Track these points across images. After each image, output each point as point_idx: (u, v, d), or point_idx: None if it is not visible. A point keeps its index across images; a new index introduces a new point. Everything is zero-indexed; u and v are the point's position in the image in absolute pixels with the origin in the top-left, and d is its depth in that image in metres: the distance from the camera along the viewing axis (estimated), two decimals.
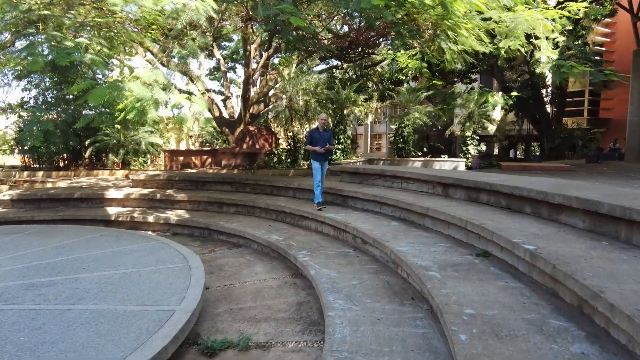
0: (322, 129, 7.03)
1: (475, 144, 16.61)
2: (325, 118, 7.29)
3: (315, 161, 6.97)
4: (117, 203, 9.26)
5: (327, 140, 6.96)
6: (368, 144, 43.29)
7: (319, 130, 7.02)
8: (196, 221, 7.74)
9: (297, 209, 7.09)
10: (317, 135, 6.96)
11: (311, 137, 7.02)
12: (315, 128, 7.13)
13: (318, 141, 6.91)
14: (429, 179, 6.60)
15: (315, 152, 6.91)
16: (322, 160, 7.01)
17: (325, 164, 7.17)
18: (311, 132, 7.14)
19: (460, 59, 12.74)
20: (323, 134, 6.98)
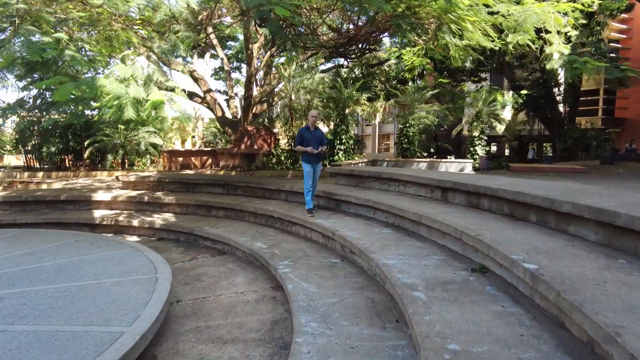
0: (313, 128, 6.43)
1: (483, 145, 15.96)
2: (316, 115, 6.68)
3: (307, 164, 6.38)
4: (105, 206, 8.92)
5: (319, 140, 6.39)
6: (376, 144, 42.72)
7: (309, 129, 6.41)
8: (181, 226, 7.34)
9: (286, 214, 6.63)
10: (308, 135, 6.34)
11: (301, 136, 6.37)
12: (306, 127, 6.50)
13: (310, 141, 6.31)
14: (427, 182, 6.09)
15: (306, 153, 6.33)
16: (314, 162, 6.42)
17: (318, 166, 6.57)
18: (301, 132, 6.48)
19: (465, 55, 12.15)
20: (315, 133, 6.39)
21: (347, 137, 15.03)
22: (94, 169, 16.84)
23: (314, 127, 6.46)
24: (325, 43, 10.56)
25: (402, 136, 16.74)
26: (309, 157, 6.36)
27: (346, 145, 15.05)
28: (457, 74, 21.54)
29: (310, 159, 6.38)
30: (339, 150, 14.97)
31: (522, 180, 5.66)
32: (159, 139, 17.18)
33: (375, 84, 22.96)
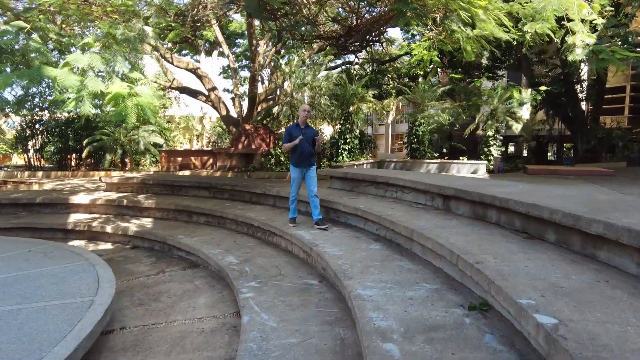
0: (304, 125, 5.49)
1: (498, 145, 14.90)
2: (308, 110, 5.70)
3: (295, 167, 5.48)
4: (84, 209, 8.34)
5: (311, 140, 5.46)
6: (389, 144, 41.70)
7: (299, 126, 5.48)
8: (156, 234, 6.66)
9: (267, 223, 5.87)
10: (297, 133, 5.41)
11: (290, 135, 5.44)
12: (295, 124, 5.60)
13: (300, 141, 5.42)
14: (426, 188, 5.25)
15: (295, 154, 5.43)
16: (305, 165, 5.46)
17: (311, 171, 5.53)
18: (290, 129, 5.54)
19: (479, 49, 11.18)
20: (306, 132, 5.44)
21: (351, 136, 14.20)
22: (94, 169, 16.43)
23: (304, 124, 5.49)
24: (324, 34, 9.78)
25: (412, 135, 15.81)
26: (297, 159, 5.43)
27: (351, 144, 14.21)
28: (471, 70, 20.47)
29: (299, 162, 5.42)
30: (343, 150, 14.15)
31: (538, 187, 4.77)
32: (159, 138, 16.66)
33: (386, 81, 22.05)
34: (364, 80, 15.17)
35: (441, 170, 14.51)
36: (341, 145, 14.04)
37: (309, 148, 5.44)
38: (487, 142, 14.90)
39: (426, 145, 15.59)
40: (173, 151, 15.84)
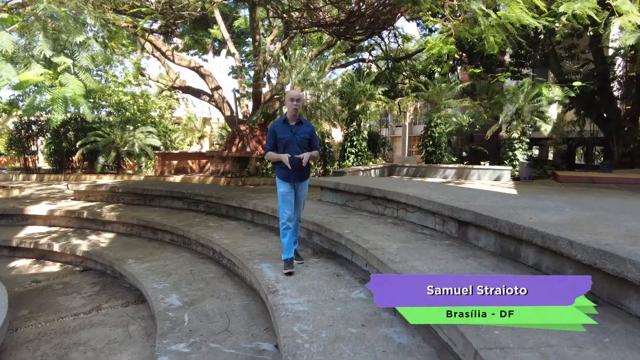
0: (294, 121, 3.76)
1: (525, 148, 13.29)
2: (299, 98, 3.76)
3: (283, 181, 3.76)
4: (43, 221, 7.28)
5: (305, 142, 3.77)
6: (406, 146, 40.13)
7: (288, 122, 3.75)
8: (107, 255, 5.49)
9: (227, 250, 4.61)
10: (285, 134, 3.70)
11: (273, 136, 3.74)
12: (282, 120, 3.81)
13: (288, 144, 3.70)
14: (436, 209, 3.91)
15: (280, 164, 3.72)
16: (294, 179, 3.76)
17: (303, 185, 3.88)
18: (273, 128, 3.79)
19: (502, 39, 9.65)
20: (297, 130, 3.74)
21: (359, 138, 12.86)
22: (90, 172, 15.57)
23: (295, 119, 3.76)
24: (322, 21, 8.52)
25: (427, 138, 14.35)
26: (285, 171, 3.71)
27: (358, 147, 12.87)
28: (493, 67, 18.83)
29: (288, 174, 3.72)
30: (349, 153, 12.82)
31: (588, 203, 3.36)
32: (156, 140, 15.67)
33: (401, 79, 20.61)
34: (373, 76, 13.78)
35: (459, 176, 13.01)
36: (347, 148, 12.73)
37: (300, 153, 3.68)
38: (511, 145, 13.31)
39: (443, 149, 14.10)
40: (168, 154, 14.82)
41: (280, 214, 3.80)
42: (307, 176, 3.90)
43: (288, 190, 3.78)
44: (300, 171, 3.75)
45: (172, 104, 24.84)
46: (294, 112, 3.73)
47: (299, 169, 3.70)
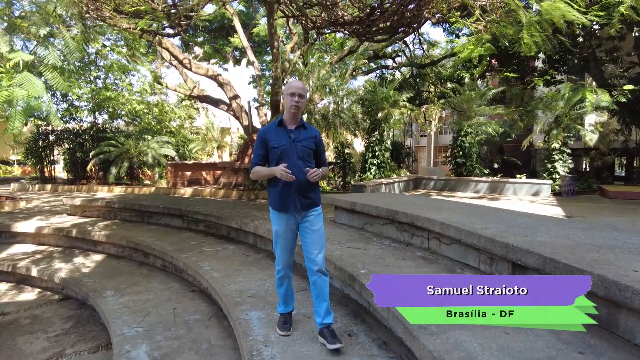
0: (294, 124, 2.64)
1: (566, 160, 12.00)
2: (301, 92, 2.61)
3: (278, 213, 2.62)
4: (32, 239, 6.66)
5: (306, 154, 2.61)
6: (432, 156, 38.81)
7: (284, 125, 2.64)
8: (83, 284, 4.74)
9: (222, 282, 3.75)
10: (281, 142, 2.59)
11: (263, 143, 2.64)
12: (277, 121, 2.67)
13: (284, 155, 2.56)
14: (482, 244, 2.94)
15: (277, 186, 2.58)
16: (295, 207, 2.57)
17: (311, 218, 2.62)
18: (263, 132, 2.69)
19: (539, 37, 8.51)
20: (297, 136, 2.61)
21: (381, 148, 11.89)
22: (104, 183, 15.18)
23: (295, 121, 2.64)
24: (340, 20, 7.70)
25: (456, 148, 13.22)
26: (280, 195, 2.57)
27: (380, 158, 11.89)
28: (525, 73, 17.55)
29: (286, 199, 2.56)
30: (371, 165, 11.86)
31: None
32: (171, 150, 15.16)
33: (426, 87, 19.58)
34: (397, 83, 12.83)
35: (493, 190, 11.83)
36: (368, 159, 11.78)
37: (305, 170, 2.51)
38: (551, 157, 12.03)
39: (474, 160, 12.94)
40: (181, 165, 14.25)
41: (277, 259, 2.69)
42: (316, 201, 2.63)
43: (285, 228, 2.59)
44: (306, 192, 2.54)
45: (192, 113, 24.55)
46: (294, 111, 2.58)
47: (302, 189, 2.51)
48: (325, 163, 2.82)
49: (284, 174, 2.42)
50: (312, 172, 2.49)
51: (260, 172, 2.62)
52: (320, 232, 2.63)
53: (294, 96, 2.59)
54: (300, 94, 2.60)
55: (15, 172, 23.93)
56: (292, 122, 2.65)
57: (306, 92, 2.61)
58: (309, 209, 2.61)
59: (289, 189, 2.54)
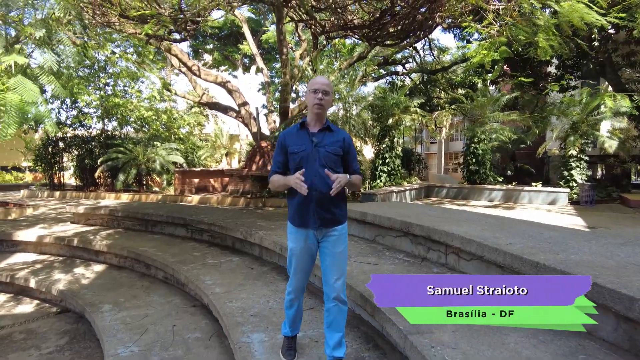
0: (319, 125, 2.29)
1: (583, 167, 11.58)
2: (326, 88, 2.24)
3: (297, 228, 2.30)
4: (33, 248, 6.50)
5: (332, 161, 2.23)
6: (442, 164, 38.39)
7: (306, 128, 2.30)
8: (81, 297, 4.54)
9: (224, 298, 3.51)
10: (302, 146, 2.24)
11: (283, 149, 2.31)
12: (297, 125, 2.33)
13: (306, 162, 2.21)
14: (508, 262, 2.66)
15: (295, 196, 2.25)
16: (315, 223, 2.23)
17: (332, 237, 2.27)
18: (283, 136, 2.33)
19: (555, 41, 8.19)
20: (321, 140, 2.25)
21: (391, 155, 11.61)
22: (112, 190, 15.12)
23: (319, 123, 2.30)
24: (350, 24, 7.50)
25: (469, 155, 12.88)
26: (299, 209, 2.25)
27: (391, 165, 11.61)
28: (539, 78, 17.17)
29: (304, 212, 2.24)
30: (381, 172, 11.58)
31: None
32: (179, 157, 15.07)
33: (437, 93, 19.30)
34: (407, 88, 12.57)
35: (508, 199, 11.45)
36: (379, 166, 11.50)
37: (328, 181, 2.14)
38: (567, 164, 11.63)
39: (488, 167, 12.57)
40: (188, 172, 14.11)
41: (290, 279, 2.41)
42: (339, 218, 2.27)
43: (302, 246, 2.27)
44: (328, 206, 2.20)
45: (201, 120, 24.56)
46: (317, 110, 2.23)
47: (324, 202, 2.18)
48: (358, 171, 2.42)
49: (298, 184, 2.05)
50: (334, 179, 2.07)
51: (276, 182, 2.29)
52: (343, 256, 2.30)
53: (317, 93, 2.24)
54: (324, 91, 2.25)
55: (27, 179, 24.09)
56: (315, 124, 2.30)
57: (332, 88, 2.30)
58: (330, 227, 2.26)
59: (308, 201, 2.20)
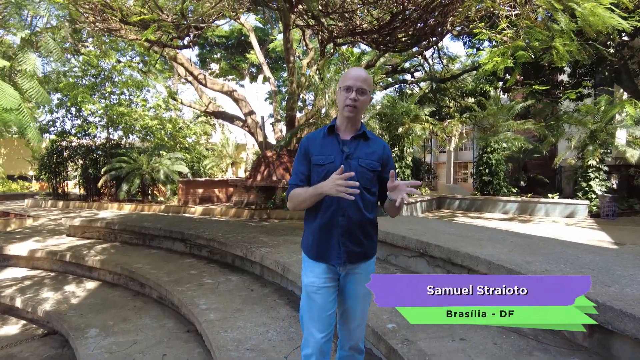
0: (352, 131, 1.80)
1: (603, 178, 11.08)
2: (359, 84, 1.72)
3: (315, 261, 1.79)
4: (25, 263, 6.19)
5: (367, 179, 1.75)
6: (452, 173, 37.84)
7: (336, 133, 1.82)
8: (67, 319, 4.18)
9: (218, 326, 3.13)
10: (330, 156, 1.76)
11: (306, 157, 1.82)
12: (324, 129, 1.86)
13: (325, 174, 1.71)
14: None
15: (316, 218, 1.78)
16: (336, 257, 1.74)
17: (358, 276, 1.79)
18: (307, 141, 1.85)
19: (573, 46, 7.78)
20: (354, 150, 1.77)
21: (401, 165, 11.21)
22: (116, 199, 14.89)
23: (352, 128, 1.81)
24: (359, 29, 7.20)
25: (482, 165, 12.42)
26: (319, 231, 1.77)
27: (401, 176, 11.19)
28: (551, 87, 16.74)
29: (323, 242, 1.76)
30: None
31: None
32: (183, 166, 14.81)
33: (446, 102, 18.93)
34: (417, 97, 12.21)
35: (523, 211, 10.96)
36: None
37: (361, 203, 1.74)
38: (585, 175, 11.13)
39: (501, 178, 12.10)
40: (192, 182, 13.83)
41: (304, 333, 1.82)
42: (369, 252, 1.80)
43: (323, 283, 1.75)
44: (358, 235, 1.74)
45: (208, 129, 24.41)
46: (349, 114, 1.74)
47: (354, 229, 1.73)
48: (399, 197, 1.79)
49: (341, 187, 1.52)
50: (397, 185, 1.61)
51: (301, 196, 1.71)
52: (367, 298, 1.81)
53: (350, 92, 1.71)
54: (359, 89, 1.71)
55: (34, 188, 24.07)
56: (347, 129, 1.79)
57: (370, 84, 1.74)
58: (357, 263, 1.76)
59: (332, 228, 1.71)
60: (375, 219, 1.82)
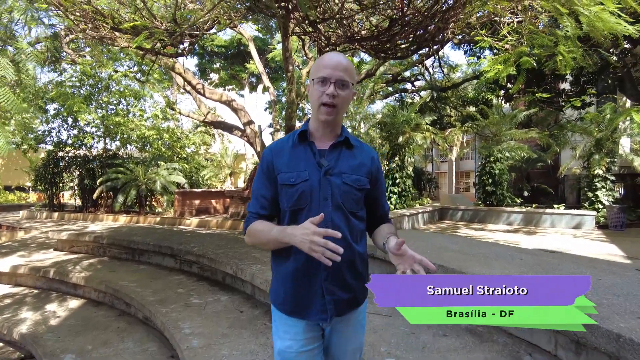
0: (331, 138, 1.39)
1: (610, 188, 10.79)
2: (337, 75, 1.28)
3: (289, 316, 1.36)
4: (7, 279, 5.91)
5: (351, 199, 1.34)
6: (453, 183, 37.55)
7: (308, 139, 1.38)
8: (43, 343, 3.89)
9: (201, 354, 2.84)
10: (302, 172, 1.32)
11: (268, 174, 1.38)
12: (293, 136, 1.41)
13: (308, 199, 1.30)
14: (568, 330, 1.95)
15: (281, 256, 1.36)
16: (318, 312, 1.33)
17: (346, 329, 1.42)
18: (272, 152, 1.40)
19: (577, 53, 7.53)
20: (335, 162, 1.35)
21: (402, 175, 10.94)
22: (112, 211, 14.62)
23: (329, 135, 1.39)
24: (357, 35, 6.99)
25: (485, 174, 12.15)
26: (294, 274, 1.32)
27: (402, 186, 10.93)
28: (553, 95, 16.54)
29: (301, 290, 1.33)
30: (391, 194, 10.89)
31: None
32: (180, 177, 14.57)
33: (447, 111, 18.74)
34: (418, 105, 12.00)
35: (528, 222, 10.65)
36: (388, 187, 10.82)
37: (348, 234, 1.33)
38: (592, 185, 10.84)
39: (505, 188, 11.81)
40: (189, 193, 13.57)
41: None
42: (361, 296, 1.41)
43: (302, 347, 1.34)
44: (344, 278, 1.34)
45: (207, 140, 24.23)
46: (325, 117, 1.33)
47: (342, 271, 1.33)
48: (387, 214, 1.52)
49: (317, 247, 1.12)
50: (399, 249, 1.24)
51: (260, 236, 1.30)
52: (358, 352, 1.46)
53: (327, 85, 1.28)
54: (339, 80, 1.28)
55: (30, 199, 23.83)
56: (324, 135, 1.37)
57: (353, 76, 1.30)
58: (347, 312, 1.37)
59: (311, 271, 1.30)
60: (366, 252, 1.43)
